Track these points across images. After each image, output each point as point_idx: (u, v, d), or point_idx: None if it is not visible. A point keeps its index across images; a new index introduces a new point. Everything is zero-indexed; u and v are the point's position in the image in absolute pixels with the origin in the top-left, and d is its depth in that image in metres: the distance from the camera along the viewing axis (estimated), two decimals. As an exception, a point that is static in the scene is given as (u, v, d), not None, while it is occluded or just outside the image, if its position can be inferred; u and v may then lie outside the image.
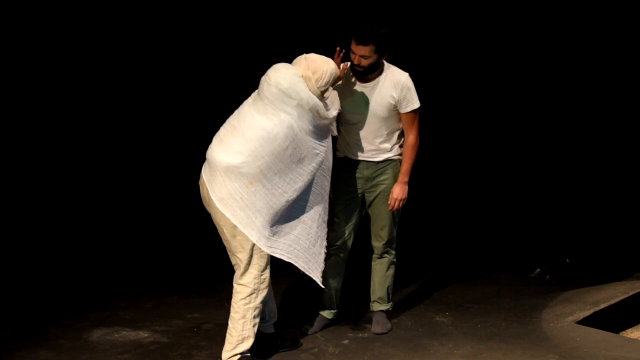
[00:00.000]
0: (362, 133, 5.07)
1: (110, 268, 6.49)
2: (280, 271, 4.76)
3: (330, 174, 4.87)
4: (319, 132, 4.69)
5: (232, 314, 4.69)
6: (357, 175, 5.15)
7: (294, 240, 4.69)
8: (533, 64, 7.91)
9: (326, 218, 4.88)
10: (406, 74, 5.02)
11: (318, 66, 4.63)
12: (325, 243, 4.85)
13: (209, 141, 4.69)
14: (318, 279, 4.78)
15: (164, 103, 7.90)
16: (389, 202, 5.12)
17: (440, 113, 7.45)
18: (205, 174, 4.67)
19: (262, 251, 4.62)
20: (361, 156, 5.12)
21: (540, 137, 7.96)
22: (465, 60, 8.04)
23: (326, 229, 4.87)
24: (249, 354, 4.70)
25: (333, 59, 4.77)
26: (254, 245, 4.59)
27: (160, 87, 7.85)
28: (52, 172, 7.43)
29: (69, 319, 5.48)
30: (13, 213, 7.08)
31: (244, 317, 4.66)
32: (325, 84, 4.65)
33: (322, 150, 4.72)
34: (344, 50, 4.87)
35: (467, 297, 6.00)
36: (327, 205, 4.88)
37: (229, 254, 4.73)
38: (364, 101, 5.00)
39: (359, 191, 5.18)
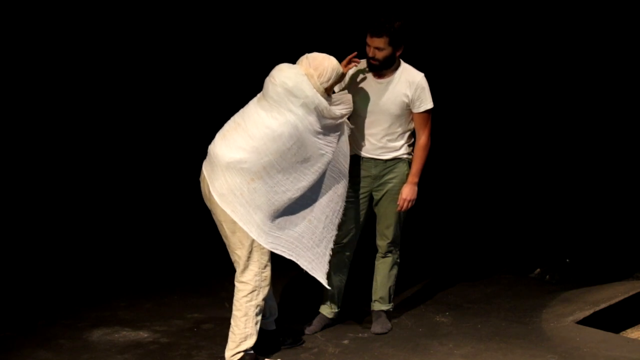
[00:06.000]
0: (373, 130, 5.05)
1: (110, 268, 6.49)
2: (280, 270, 4.75)
3: (343, 177, 4.85)
4: (326, 131, 4.69)
5: (235, 312, 4.70)
6: (365, 173, 5.13)
7: (296, 237, 4.69)
8: (533, 66, 7.90)
9: (336, 221, 4.86)
10: (422, 74, 5.02)
11: (319, 63, 4.65)
12: (331, 245, 4.83)
13: (210, 141, 4.69)
14: (323, 280, 4.77)
15: (165, 102, 7.88)
16: (397, 203, 5.11)
17: (440, 115, 7.45)
18: (206, 169, 4.67)
19: (263, 248, 4.62)
20: (370, 154, 5.10)
21: (540, 138, 7.95)
22: (466, 65, 8.03)
23: (335, 231, 4.85)
24: (252, 352, 4.71)
25: (341, 61, 4.79)
26: (253, 241, 4.60)
27: (163, 86, 7.83)
28: (52, 172, 7.42)
29: (69, 319, 5.48)
30: (13, 213, 7.07)
31: (246, 314, 4.67)
32: (328, 80, 4.66)
33: (329, 151, 4.72)
34: (355, 52, 4.89)
35: (467, 297, 6.00)
36: (337, 209, 4.86)
37: (229, 251, 4.72)
38: (377, 97, 4.99)
39: (367, 189, 5.16)
